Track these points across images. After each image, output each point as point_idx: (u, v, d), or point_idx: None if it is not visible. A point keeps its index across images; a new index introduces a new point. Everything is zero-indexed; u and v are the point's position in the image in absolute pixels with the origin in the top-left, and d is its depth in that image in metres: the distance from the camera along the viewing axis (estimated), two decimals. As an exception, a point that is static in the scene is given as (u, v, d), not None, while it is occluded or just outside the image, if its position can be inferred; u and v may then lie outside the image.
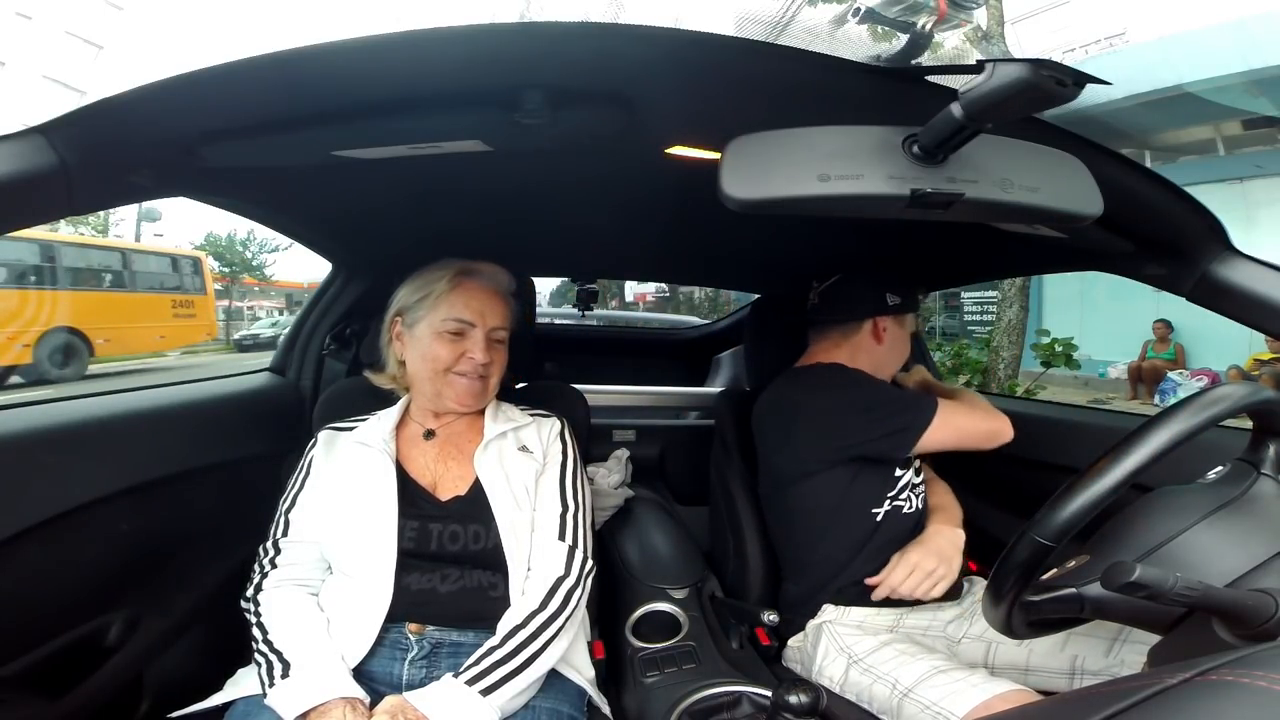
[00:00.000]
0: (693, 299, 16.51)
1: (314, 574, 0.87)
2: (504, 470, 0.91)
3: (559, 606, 0.80)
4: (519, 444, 0.95)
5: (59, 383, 8.19)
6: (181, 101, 0.54)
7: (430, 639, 0.81)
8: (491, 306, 0.94)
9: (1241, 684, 0.28)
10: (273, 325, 17.24)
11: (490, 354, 0.93)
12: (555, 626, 0.79)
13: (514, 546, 0.85)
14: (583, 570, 0.86)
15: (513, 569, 0.85)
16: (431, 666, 0.80)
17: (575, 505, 0.92)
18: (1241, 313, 0.73)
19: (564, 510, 0.91)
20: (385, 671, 0.79)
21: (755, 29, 6.36)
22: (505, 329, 0.96)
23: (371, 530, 0.83)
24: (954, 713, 0.77)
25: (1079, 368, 4.89)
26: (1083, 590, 0.58)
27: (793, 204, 0.48)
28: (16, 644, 0.78)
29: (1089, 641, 0.86)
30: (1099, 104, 6.98)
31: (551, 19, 0.55)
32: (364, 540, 0.83)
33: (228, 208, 0.94)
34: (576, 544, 0.88)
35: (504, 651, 0.75)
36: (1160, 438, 0.55)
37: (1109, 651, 0.85)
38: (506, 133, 0.61)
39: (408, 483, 0.89)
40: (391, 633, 0.81)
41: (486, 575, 0.85)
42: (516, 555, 0.85)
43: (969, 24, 4.53)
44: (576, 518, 0.91)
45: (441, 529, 0.85)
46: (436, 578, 0.84)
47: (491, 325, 0.94)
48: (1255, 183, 7.57)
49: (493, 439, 0.93)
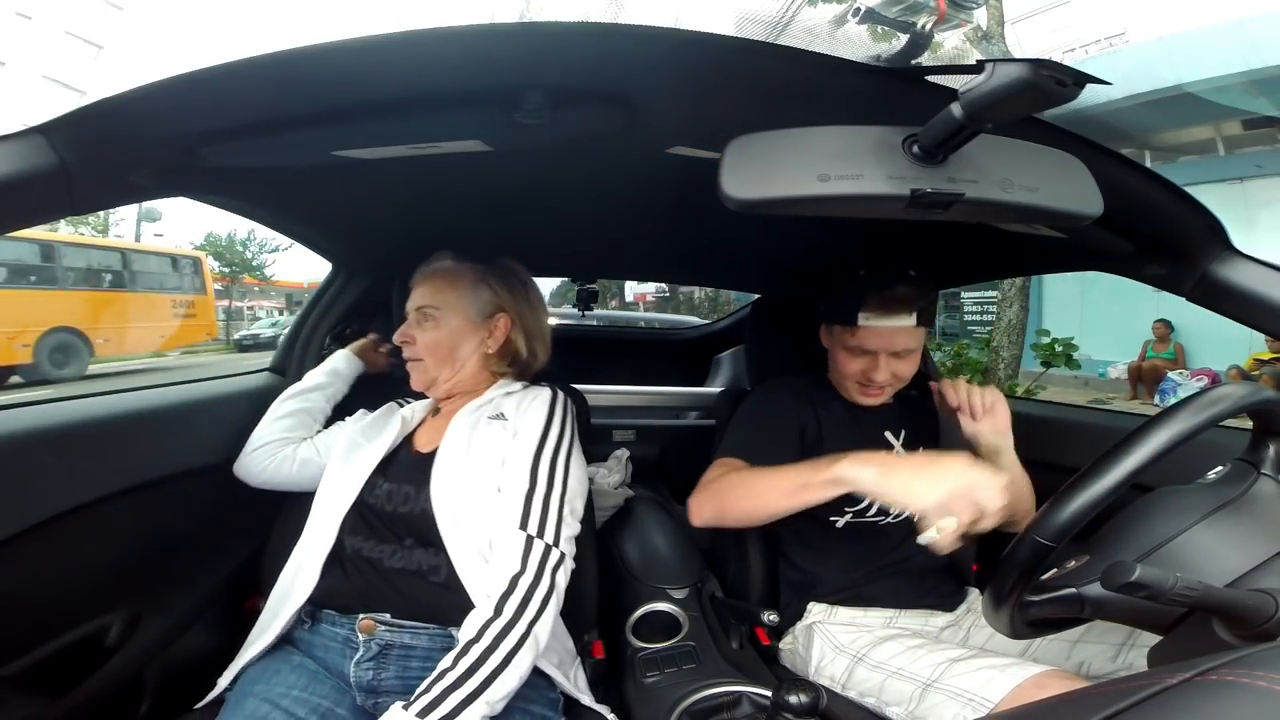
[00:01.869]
0: (693, 299, 16.51)
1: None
2: (469, 435, 0.87)
3: (515, 611, 0.70)
4: (496, 411, 0.92)
5: (59, 383, 8.19)
6: (181, 101, 0.54)
7: (380, 640, 0.79)
8: (421, 286, 0.97)
9: (1241, 684, 0.28)
10: (273, 325, 17.25)
11: (410, 333, 0.96)
12: (515, 636, 0.68)
13: (448, 517, 0.79)
14: (545, 564, 0.74)
15: (452, 547, 0.78)
16: (379, 669, 0.78)
17: (548, 486, 0.81)
18: (1241, 313, 0.73)
19: (530, 490, 0.80)
20: (338, 668, 0.79)
21: (755, 29, 6.36)
22: (434, 306, 0.95)
23: (347, 479, 0.89)
24: (988, 699, 0.72)
25: (1079, 368, 4.89)
26: (1083, 590, 0.58)
27: (793, 204, 0.48)
28: (16, 644, 0.78)
29: (1096, 647, 0.85)
30: (1099, 104, 6.99)
31: (551, 19, 0.55)
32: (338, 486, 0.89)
33: (228, 208, 0.94)
34: (542, 533, 0.77)
35: (457, 673, 0.64)
36: (1160, 438, 0.55)
37: (1116, 656, 0.83)
38: (506, 133, 0.61)
39: (403, 448, 0.93)
40: (344, 629, 0.81)
41: (427, 555, 0.81)
42: (453, 531, 0.79)
43: (969, 24, 4.52)
44: (547, 501, 0.79)
45: (388, 488, 0.87)
46: (386, 551, 0.83)
47: (415, 305, 0.96)
48: (1255, 183, 7.57)
49: (479, 405, 0.93)
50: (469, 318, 0.96)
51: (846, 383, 1.06)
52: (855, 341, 1.01)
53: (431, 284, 0.97)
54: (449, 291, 0.96)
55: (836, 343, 1.05)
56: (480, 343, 0.97)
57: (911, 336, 1.00)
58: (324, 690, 0.75)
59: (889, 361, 1.00)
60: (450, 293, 0.96)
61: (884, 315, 0.97)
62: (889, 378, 1.01)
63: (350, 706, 0.76)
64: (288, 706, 0.71)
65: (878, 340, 0.99)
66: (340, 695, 0.77)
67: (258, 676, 0.76)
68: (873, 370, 1.01)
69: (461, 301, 0.96)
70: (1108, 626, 0.83)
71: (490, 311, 0.98)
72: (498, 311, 0.98)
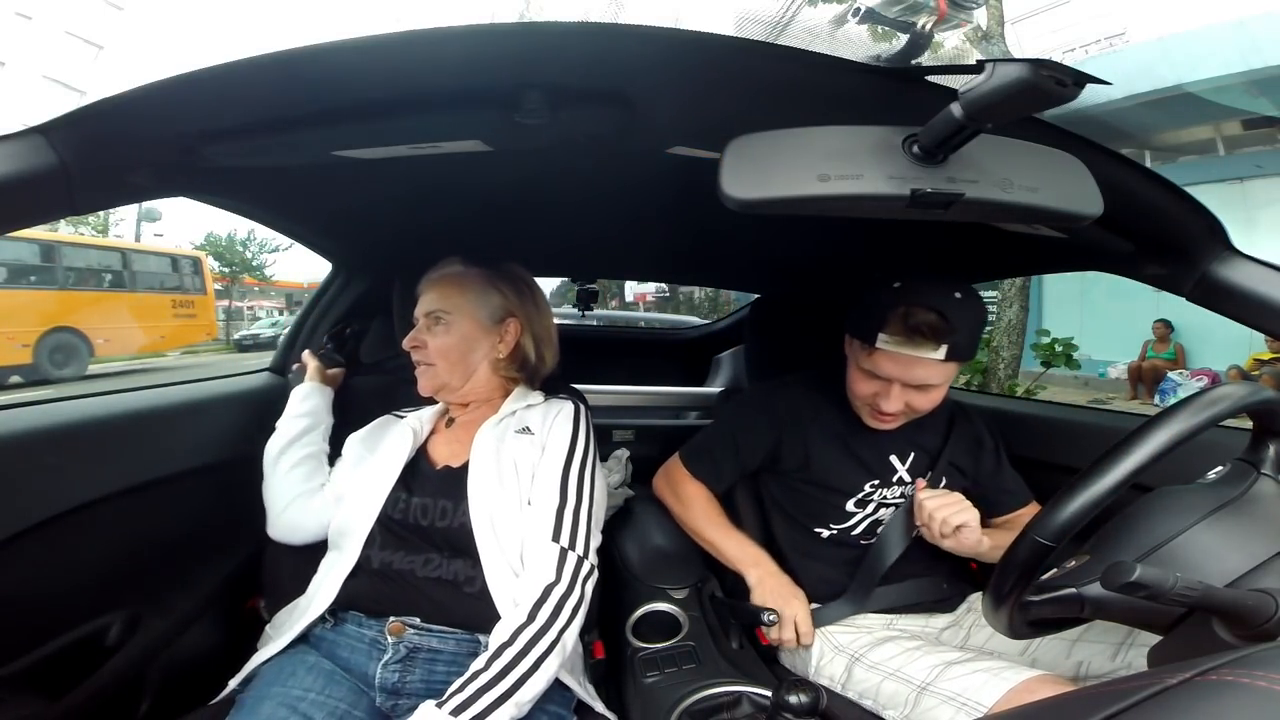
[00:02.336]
0: (693, 299, 16.51)
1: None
2: (497, 448, 0.88)
3: (548, 619, 0.73)
4: (522, 424, 0.93)
5: (59, 383, 8.20)
6: (182, 101, 0.54)
7: (408, 642, 0.80)
8: (430, 291, 0.96)
9: (1241, 684, 0.27)
10: (273, 325, 17.25)
11: (420, 338, 0.94)
12: (546, 642, 0.72)
13: (486, 531, 0.81)
14: (577, 575, 0.79)
15: (487, 559, 0.80)
16: (405, 671, 0.79)
17: (576, 500, 0.85)
18: (1241, 313, 0.73)
19: (561, 505, 0.83)
20: (361, 669, 0.79)
21: (755, 29, 6.36)
22: (445, 310, 0.94)
23: (366, 494, 0.88)
24: (981, 703, 0.73)
25: (1079, 368, 4.89)
26: (1083, 590, 0.58)
27: (793, 204, 0.48)
28: (16, 644, 0.78)
29: (1095, 646, 0.85)
30: (1099, 104, 6.99)
31: (551, 19, 0.55)
32: (357, 502, 0.87)
33: (228, 208, 0.94)
34: (573, 545, 0.81)
35: (489, 675, 0.67)
36: (1160, 438, 0.55)
37: (1115, 656, 0.83)
38: (506, 133, 0.61)
39: (421, 460, 0.92)
40: (372, 630, 0.81)
41: (464, 566, 0.82)
42: (490, 543, 0.81)
43: (969, 24, 4.53)
44: (577, 514, 0.84)
45: (419, 502, 0.86)
46: (419, 561, 0.83)
47: (425, 310, 0.95)
48: (1255, 183, 7.57)
49: (502, 418, 0.93)
50: (480, 322, 0.96)
51: (856, 402, 0.98)
52: (869, 364, 0.91)
53: (441, 288, 0.96)
54: (459, 296, 0.95)
55: (853, 358, 0.96)
56: (491, 347, 0.97)
57: (936, 371, 0.87)
58: (341, 692, 0.75)
59: (904, 392, 0.90)
60: (460, 297, 0.95)
61: (905, 343, 0.85)
62: (902, 409, 0.91)
63: (368, 709, 0.76)
64: (305, 710, 0.71)
65: (894, 368, 0.88)
66: (357, 697, 0.76)
67: (273, 678, 0.76)
68: (883, 399, 0.91)
69: (471, 306, 0.96)
70: (1107, 626, 0.82)
71: (500, 316, 0.97)
72: (508, 316, 0.98)
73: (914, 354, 0.86)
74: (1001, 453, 1.08)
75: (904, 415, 0.94)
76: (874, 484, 1.01)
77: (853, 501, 1.01)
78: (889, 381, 0.90)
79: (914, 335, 0.85)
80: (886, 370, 0.89)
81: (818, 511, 1.03)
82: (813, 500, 1.03)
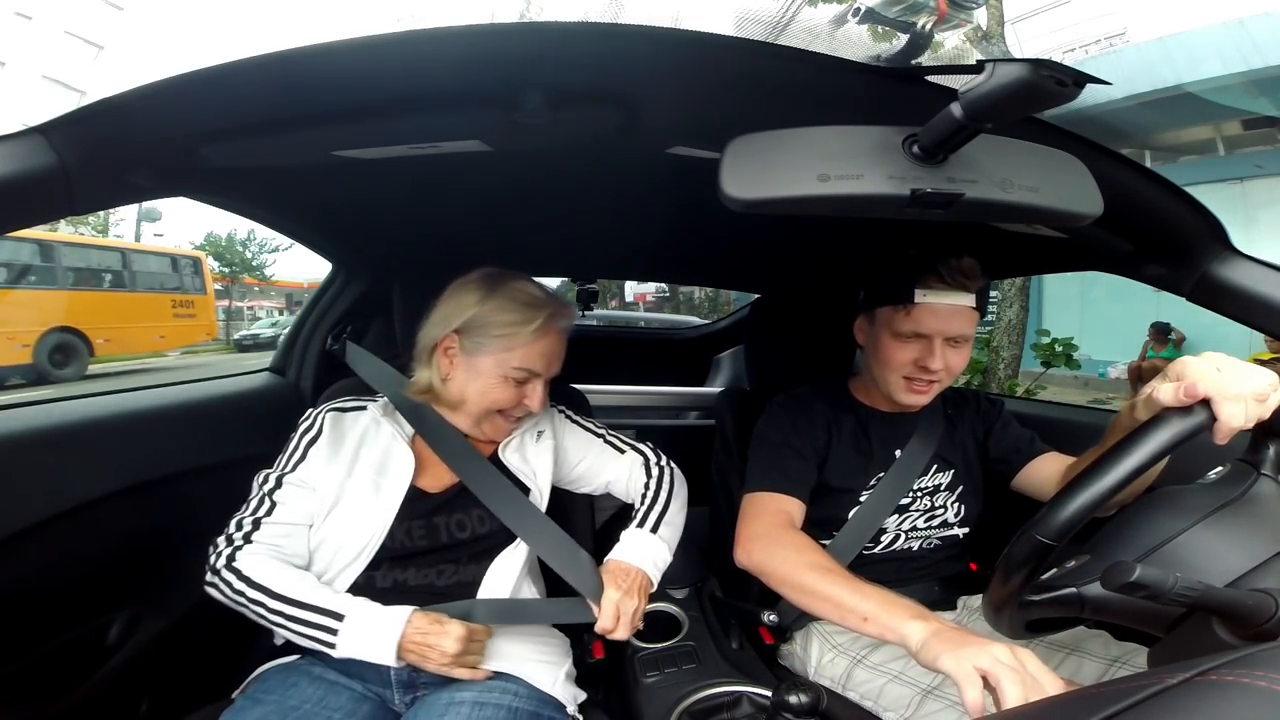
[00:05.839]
0: (693, 299, 16.52)
1: (298, 551, 0.82)
2: (523, 455, 0.95)
3: (660, 473, 0.98)
4: (534, 430, 0.98)
5: (59, 383, 8.20)
6: (181, 101, 0.54)
7: None
8: (558, 353, 0.92)
9: (1241, 684, 0.27)
10: (273, 325, 17.26)
11: (525, 392, 0.89)
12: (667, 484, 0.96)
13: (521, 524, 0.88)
14: (657, 456, 1.01)
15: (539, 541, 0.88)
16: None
17: (606, 431, 1.04)
18: (1241, 313, 0.73)
19: (604, 439, 1.02)
20: (374, 670, 0.79)
21: (755, 29, 6.36)
22: (538, 371, 0.90)
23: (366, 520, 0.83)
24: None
25: (1079, 368, 4.88)
26: (1083, 590, 0.58)
27: (793, 204, 0.48)
28: (17, 643, 0.78)
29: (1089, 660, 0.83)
30: (1099, 104, 7.00)
31: (551, 19, 0.55)
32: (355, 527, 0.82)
33: (228, 208, 0.94)
34: (638, 449, 1.02)
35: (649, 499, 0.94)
36: (1161, 437, 0.55)
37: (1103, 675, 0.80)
38: (506, 133, 0.61)
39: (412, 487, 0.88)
40: None
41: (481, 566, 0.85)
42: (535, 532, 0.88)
43: (969, 24, 4.52)
44: (617, 437, 1.03)
45: (447, 520, 0.87)
46: (433, 573, 0.84)
47: (554, 373, 0.92)
48: (1255, 183, 7.58)
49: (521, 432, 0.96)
50: None
51: (891, 377, 0.96)
52: (909, 324, 0.91)
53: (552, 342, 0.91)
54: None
55: (884, 329, 0.95)
56: None
57: (968, 320, 0.92)
58: (339, 702, 0.76)
59: (944, 350, 0.92)
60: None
61: (945, 291, 0.89)
62: (944, 365, 0.92)
63: (366, 716, 0.77)
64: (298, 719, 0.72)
65: (934, 321, 0.90)
66: (356, 705, 0.77)
67: (273, 686, 0.76)
68: (927, 357, 0.91)
69: None
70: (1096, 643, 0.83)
71: None
72: None
73: (953, 302, 0.90)
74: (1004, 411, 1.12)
75: (940, 381, 0.95)
76: (879, 477, 1.01)
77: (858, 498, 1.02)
78: (929, 339, 0.92)
79: (954, 280, 0.89)
80: (928, 325, 0.91)
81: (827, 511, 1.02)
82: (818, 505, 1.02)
